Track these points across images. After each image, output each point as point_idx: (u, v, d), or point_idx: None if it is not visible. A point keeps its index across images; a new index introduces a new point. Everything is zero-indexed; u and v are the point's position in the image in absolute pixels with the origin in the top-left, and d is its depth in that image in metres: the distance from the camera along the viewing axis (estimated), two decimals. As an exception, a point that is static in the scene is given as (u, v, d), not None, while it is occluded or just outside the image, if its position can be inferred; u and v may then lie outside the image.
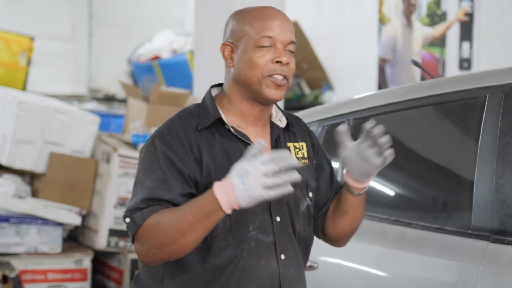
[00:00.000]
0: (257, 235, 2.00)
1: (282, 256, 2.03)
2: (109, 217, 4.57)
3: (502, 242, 2.29)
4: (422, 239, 2.51)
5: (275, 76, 2.01)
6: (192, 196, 1.95)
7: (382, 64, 6.65)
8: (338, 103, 3.15)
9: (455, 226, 2.45)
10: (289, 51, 2.04)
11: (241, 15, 2.08)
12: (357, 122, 2.89)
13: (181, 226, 1.86)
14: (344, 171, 2.12)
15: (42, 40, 8.16)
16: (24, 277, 4.35)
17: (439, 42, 6.05)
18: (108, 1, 9.77)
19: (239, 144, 2.02)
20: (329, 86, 7.42)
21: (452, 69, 5.91)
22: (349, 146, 2.05)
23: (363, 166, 2.04)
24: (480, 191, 2.39)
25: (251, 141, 2.03)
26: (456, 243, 2.40)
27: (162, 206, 1.93)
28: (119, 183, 4.56)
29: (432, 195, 2.58)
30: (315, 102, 7.17)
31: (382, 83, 6.64)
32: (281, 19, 2.05)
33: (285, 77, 2.02)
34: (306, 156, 2.14)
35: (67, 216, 4.51)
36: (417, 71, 6.24)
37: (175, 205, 1.93)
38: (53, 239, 4.49)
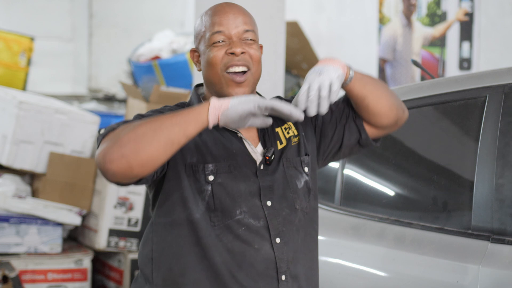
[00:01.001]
0: (247, 220, 1.99)
1: (277, 240, 2.01)
2: (109, 217, 4.57)
3: (502, 242, 2.29)
4: (422, 239, 2.51)
5: (231, 69, 2.00)
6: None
7: (382, 64, 6.65)
8: (338, 103, 3.14)
9: (455, 226, 2.45)
10: (249, 40, 2.03)
11: (201, 19, 2.08)
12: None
13: (155, 123, 1.84)
14: None
15: (42, 40, 8.15)
16: (24, 277, 4.35)
17: (439, 42, 6.05)
18: (108, 1, 9.76)
19: (226, 135, 2.04)
20: (329, 86, 7.40)
21: (452, 69, 5.91)
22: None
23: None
24: (480, 191, 2.39)
25: (237, 130, 2.04)
26: (456, 243, 2.40)
27: None
28: (119, 183, 4.56)
29: (432, 195, 2.58)
30: (315, 102, 7.15)
31: (382, 83, 6.62)
32: (230, 11, 2.03)
33: (245, 66, 2.01)
34: (296, 133, 2.13)
35: (67, 216, 4.51)
36: (417, 71, 6.24)
37: None
38: (53, 239, 4.49)
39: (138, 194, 4.61)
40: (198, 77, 5.26)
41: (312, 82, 1.95)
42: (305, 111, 1.96)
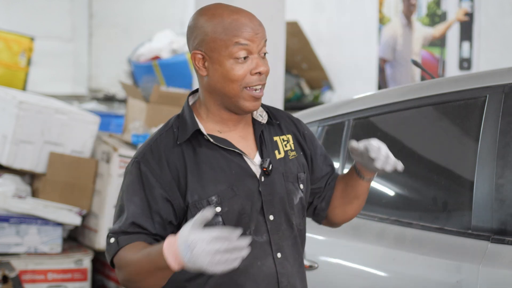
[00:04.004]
0: (253, 237, 1.98)
1: (279, 255, 2.01)
2: (109, 217, 4.57)
3: (502, 242, 2.29)
4: (422, 239, 2.51)
5: (253, 87, 1.97)
6: (171, 222, 1.95)
7: (382, 64, 6.65)
8: (338, 103, 3.15)
9: (455, 226, 2.45)
10: (264, 54, 2.00)
11: (212, 22, 1.97)
12: (357, 122, 2.89)
13: (140, 272, 1.85)
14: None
15: (42, 40, 8.15)
16: (24, 277, 4.35)
17: (439, 42, 6.05)
18: (108, 1, 9.76)
19: (222, 153, 1.99)
20: (329, 86, 7.42)
21: (452, 69, 5.91)
22: (356, 143, 2.07)
23: (367, 163, 2.07)
24: (480, 191, 2.39)
25: (234, 147, 2.00)
26: (456, 243, 2.40)
27: (142, 236, 1.92)
28: (119, 183, 4.56)
29: (432, 195, 2.58)
30: (315, 102, 7.17)
31: (382, 83, 6.63)
32: (252, 23, 1.97)
33: (262, 85, 1.99)
34: (293, 148, 2.12)
35: (67, 216, 4.51)
36: (417, 71, 6.24)
37: (154, 234, 1.93)
38: (53, 239, 4.49)
39: (138, 194, 4.61)
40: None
41: (379, 143, 2.05)
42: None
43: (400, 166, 2.06)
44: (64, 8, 9.54)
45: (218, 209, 1.95)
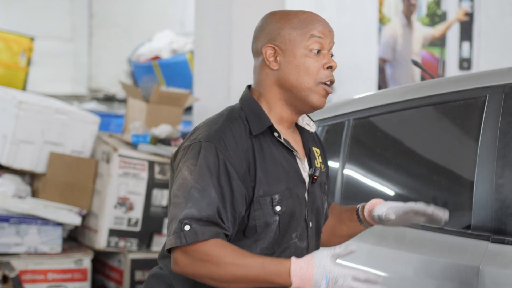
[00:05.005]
0: (297, 242, 2.01)
1: None
2: (109, 217, 4.56)
3: (502, 242, 2.29)
4: (422, 239, 2.51)
5: (327, 83, 1.99)
6: (240, 216, 1.92)
7: (382, 64, 6.65)
8: (338, 103, 3.15)
9: (455, 226, 2.45)
10: (332, 55, 2.04)
11: (286, 18, 2.01)
12: (357, 122, 2.89)
13: (238, 276, 1.83)
14: (366, 212, 2.20)
15: (42, 40, 8.16)
16: (24, 277, 4.35)
17: (439, 42, 6.05)
18: (108, 1, 9.77)
19: (284, 152, 2.00)
20: (329, 86, 7.41)
21: (452, 69, 5.91)
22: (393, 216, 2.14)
23: (399, 222, 2.15)
24: (480, 191, 2.39)
25: (295, 151, 2.02)
26: (456, 243, 2.40)
27: (222, 231, 1.87)
28: (119, 183, 4.56)
29: (432, 195, 2.58)
30: (315, 102, 7.16)
31: (382, 83, 6.64)
32: (323, 21, 2.04)
33: (331, 82, 2.01)
34: (322, 160, 2.15)
35: (67, 216, 4.51)
36: (417, 71, 6.24)
37: (229, 230, 1.89)
38: (53, 239, 4.49)
39: (138, 194, 4.61)
40: (198, 77, 5.27)
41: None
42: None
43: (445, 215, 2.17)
44: (64, 8, 9.54)
45: (278, 208, 1.96)
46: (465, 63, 5.82)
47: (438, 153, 2.67)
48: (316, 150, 2.14)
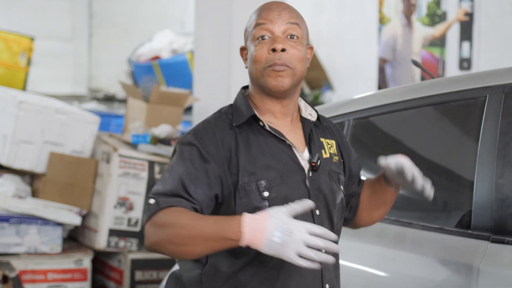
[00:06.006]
0: None
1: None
2: (109, 217, 4.57)
3: (502, 242, 2.29)
4: (422, 239, 2.51)
5: (273, 66, 1.99)
6: (216, 197, 1.96)
7: (382, 64, 6.65)
8: (338, 103, 3.15)
9: (455, 226, 2.45)
10: (292, 36, 2.01)
11: (250, 17, 2.08)
12: (357, 122, 2.89)
13: (193, 235, 1.84)
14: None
15: (42, 40, 8.15)
16: (24, 277, 4.35)
17: (439, 42, 6.05)
18: (108, 1, 9.76)
19: (274, 141, 2.02)
20: (329, 86, 7.42)
21: (452, 69, 5.91)
22: (385, 160, 2.11)
23: (402, 181, 2.12)
24: (480, 191, 2.39)
25: (285, 138, 2.03)
26: (456, 243, 2.40)
27: (188, 203, 1.92)
28: (119, 183, 4.56)
29: (432, 195, 2.58)
30: (315, 102, 7.17)
31: (382, 83, 6.64)
32: (276, 8, 2.02)
33: (284, 66, 1.99)
34: (336, 153, 2.16)
35: (67, 216, 4.51)
36: (417, 71, 6.24)
37: (197, 203, 1.93)
38: (53, 239, 4.49)
39: (138, 194, 4.61)
40: (198, 77, 5.27)
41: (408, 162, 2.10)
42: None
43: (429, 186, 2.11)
44: (64, 8, 9.54)
45: (266, 194, 1.97)
46: (465, 63, 5.82)
47: (438, 153, 2.67)
48: (328, 142, 2.14)
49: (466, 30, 5.80)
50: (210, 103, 5.05)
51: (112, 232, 4.58)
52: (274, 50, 1.98)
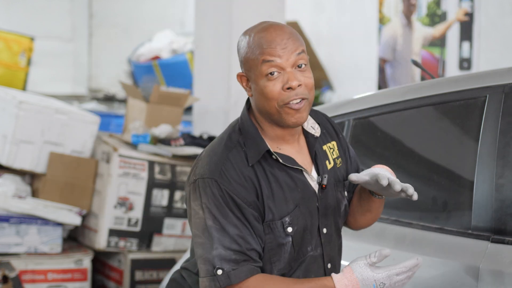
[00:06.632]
0: (312, 254, 2.02)
1: (329, 265, 2.06)
2: (109, 217, 4.57)
3: (502, 242, 2.29)
4: (422, 239, 2.51)
5: (291, 103, 1.94)
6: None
7: (382, 64, 6.65)
8: (338, 103, 3.14)
9: (455, 226, 2.45)
10: (300, 66, 1.96)
11: (246, 42, 1.98)
12: (357, 122, 2.89)
13: None
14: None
15: (42, 40, 8.15)
16: (24, 277, 4.35)
17: (439, 42, 6.05)
18: (108, 1, 9.77)
19: (287, 170, 2.00)
20: (329, 86, 7.42)
21: (452, 69, 5.91)
22: (356, 176, 2.05)
23: (381, 190, 2.06)
24: (480, 191, 2.39)
25: (298, 165, 2.01)
26: (456, 243, 2.40)
27: (254, 266, 1.91)
28: (119, 183, 4.56)
29: (432, 195, 2.58)
30: (315, 102, 7.16)
31: (382, 83, 6.64)
32: (279, 37, 1.94)
33: (301, 98, 1.95)
34: (338, 154, 2.15)
35: (67, 216, 4.51)
36: (417, 71, 6.24)
37: (257, 261, 1.92)
38: (53, 239, 4.49)
39: (138, 194, 4.61)
40: (198, 77, 5.27)
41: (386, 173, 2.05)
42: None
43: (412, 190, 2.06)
44: (64, 8, 9.54)
45: (290, 229, 1.97)
46: (465, 63, 5.83)
47: (438, 153, 2.67)
48: (330, 146, 2.13)
49: (466, 30, 5.80)
50: (210, 103, 5.05)
51: (112, 232, 4.58)
52: (289, 88, 1.93)
